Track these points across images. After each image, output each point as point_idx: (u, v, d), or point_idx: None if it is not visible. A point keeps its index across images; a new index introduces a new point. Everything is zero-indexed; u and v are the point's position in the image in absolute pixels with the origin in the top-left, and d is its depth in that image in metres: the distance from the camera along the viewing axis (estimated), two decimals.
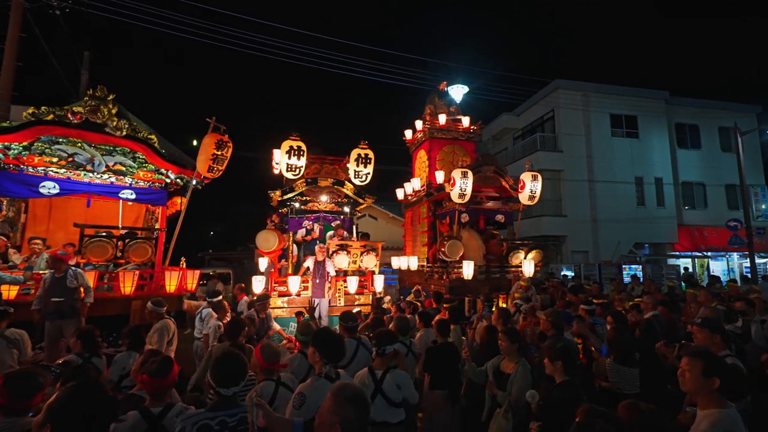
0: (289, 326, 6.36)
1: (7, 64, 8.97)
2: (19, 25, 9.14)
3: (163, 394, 2.05)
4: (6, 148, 5.45)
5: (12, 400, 1.65)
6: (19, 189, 5.75)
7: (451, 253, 7.47)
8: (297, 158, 6.59)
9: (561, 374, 2.57)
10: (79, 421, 1.33)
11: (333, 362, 2.43)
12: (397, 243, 13.28)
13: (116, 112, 5.88)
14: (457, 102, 10.43)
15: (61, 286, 4.78)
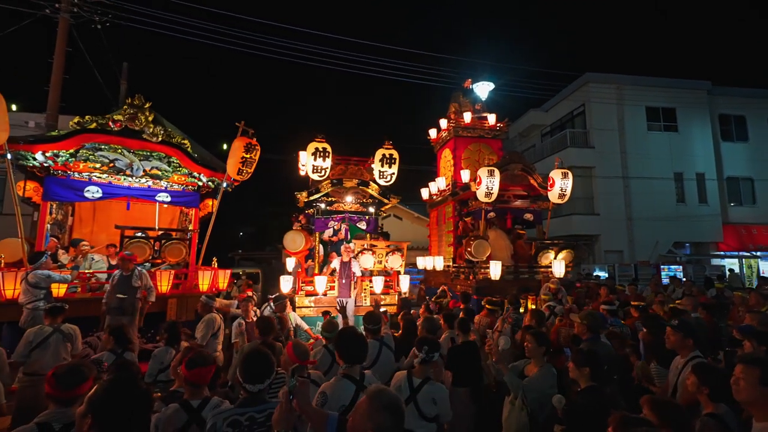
0: (316, 325, 6.45)
1: (56, 77, 9.61)
2: (65, 40, 9.78)
3: (201, 387, 2.14)
4: (55, 155, 5.85)
5: (61, 392, 1.76)
6: (67, 193, 6.14)
7: (478, 253, 7.34)
8: (322, 159, 6.68)
9: (587, 380, 2.49)
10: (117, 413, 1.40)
11: (352, 362, 2.40)
12: (422, 243, 13.22)
13: (152, 119, 6.17)
14: (483, 99, 10.24)
15: (126, 284, 5.11)
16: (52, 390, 1.74)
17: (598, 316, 3.66)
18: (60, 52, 9.66)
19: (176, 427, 1.98)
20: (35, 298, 4.84)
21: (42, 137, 5.86)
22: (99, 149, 6.07)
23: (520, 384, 2.90)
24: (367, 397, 1.38)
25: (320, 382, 2.89)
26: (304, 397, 1.69)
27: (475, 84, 10.10)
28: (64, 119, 9.12)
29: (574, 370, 2.53)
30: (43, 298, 4.85)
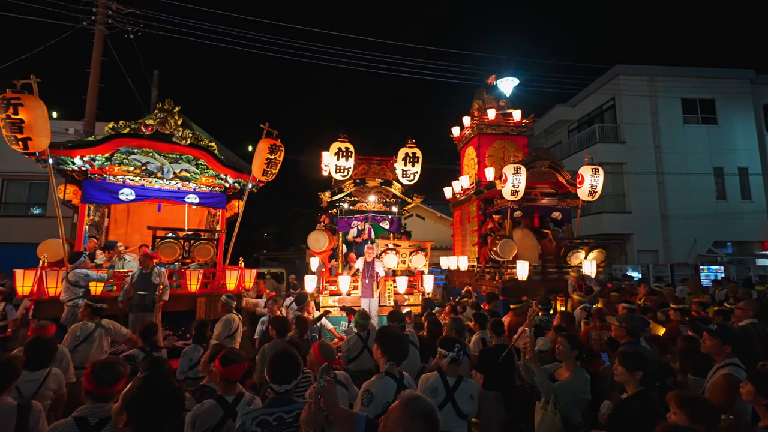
0: (340, 325, 6.47)
1: (92, 86, 10.10)
2: (101, 50, 10.26)
3: (234, 383, 2.18)
4: (92, 159, 6.12)
5: (98, 388, 1.82)
6: (103, 196, 6.42)
7: (504, 252, 7.16)
8: (345, 159, 6.69)
9: (637, 385, 2.35)
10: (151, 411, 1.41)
11: (396, 360, 2.41)
12: (446, 242, 13.06)
13: (181, 122, 6.35)
14: (507, 95, 10.01)
15: (147, 281, 5.30)
16: (89, 386, 1.80)
17: (638, 319, 3.47)
18: (96, 62, 10.15)
19: (213, 422, 2.02)
20: (75, 296, 5.08)
21: (80, 142, 6.15)
22: (132, 153, 6.30)
23: (552, 387, 2.79)
24: (400, 404, 1.33)
25: (346, 383, 2.88)
26: (332, 398, 1.66)
27: (499, 80, 9.89)
28: (100, 126, 9.57)
29: (623, 374, 2.40)
30: (81, 296, 5.08)
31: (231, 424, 2.03)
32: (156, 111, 6.20)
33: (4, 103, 4.87)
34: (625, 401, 2.38)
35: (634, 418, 2.17)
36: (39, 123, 5.07)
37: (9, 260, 8.17)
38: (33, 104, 4.98)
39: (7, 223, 12.50)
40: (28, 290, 5.40)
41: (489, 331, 3.96)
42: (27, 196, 13.16)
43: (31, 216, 13.03)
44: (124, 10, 10.59)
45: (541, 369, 2.89)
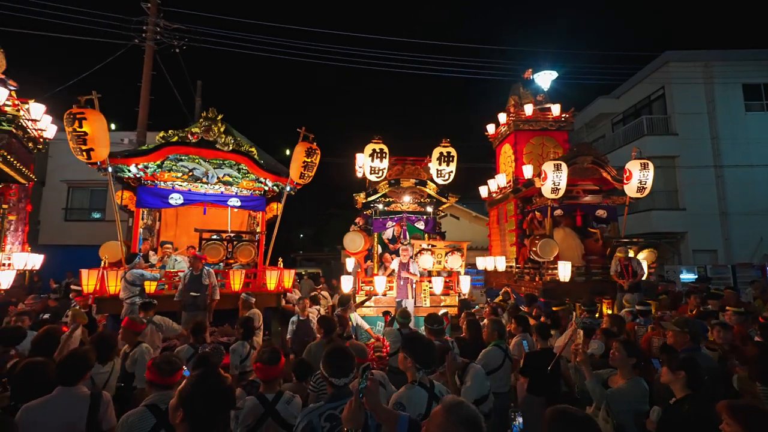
0: (376, 325, 6.51)
1: (144, 98, 10.84)
2: (151, 65, 11.00)
3: (274, 381, 2.26)
4: (145, 167, 6.58)
5: (160, 378, 1.98)
6: (155, 201, 6.87)
7: (544, 252, 6.90)
8: (380, 160, 6.73)
9: (683, 388, 2.21)
10: (204, 407, 1.48)
11: (426, 368, 2.31)
12: (482, 243, 12.78)
13: (224, 129, 6.68)
14: (545, 90, 9.64)
15: (197, 282, 5.60)
16: (153, 377, 1.95)
17: (698, 324, 3.22)
18: (147, 76, 10.89)
19: (254, 419, 2.10)
20: (132, 294, 5.47)
21: (134, 151, 6.63)
22: (180, 160, 6.71)
23: (604, 393, 2.64)
24: (443, 409, 1.31)
25: (383, 381, 2.89)
26: (375, 397, 1.67)
27: (536, 74, 9.54)
28: (151, 135, 10.24)
29: (667, 374, 2.27)
30: (138, 294, 5.47)
31: (270, 422, 2.10)
32: (201, 119, 6.55)
33: (70, 118, 5.35)
34: (674, 405, 2.23)
35: (683, 422, 2.02)
36: (100, 135, 5.52)
37: (74, 261, 8.97)
38: (95, 118, 5.43)
39: (72, 227, 13.69)
40: (92, 288, 5.89)
41: (534, 335, 3.82)
42: (89, 202, 14.33)
43: (91, 220, 14.18)
44: (171, 26, 11.28)
45: (592, 374, 2.74)
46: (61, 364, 2.11)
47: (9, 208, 6.40)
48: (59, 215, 13.83)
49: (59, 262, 9.34)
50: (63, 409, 2.00)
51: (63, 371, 2.09)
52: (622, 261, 6.39)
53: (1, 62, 6.65)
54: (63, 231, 13.47)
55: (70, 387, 2.08)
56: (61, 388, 2.07)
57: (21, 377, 2.35)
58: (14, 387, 2.48)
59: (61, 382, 2.08)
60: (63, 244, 12.37)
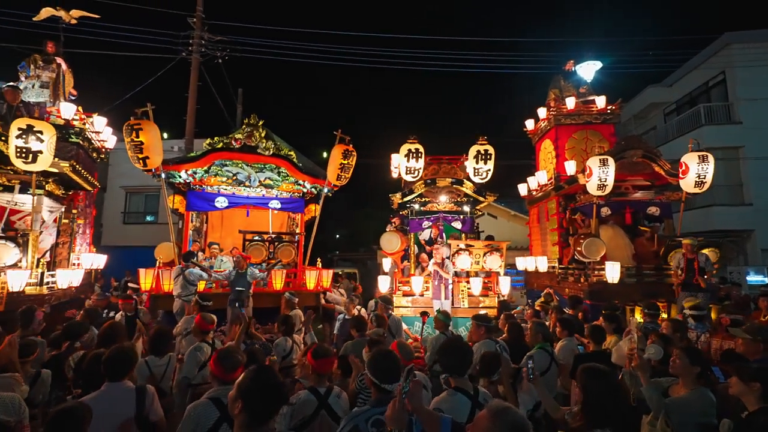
0: (414, 325, 6.48)
1: (191, 108, 11.52)
2: (197, 76, 11.66)
3: (324, 376, 2.32)
4: (194, 172, 6.99)
5: (223, 373, 2.09)
6: (203, 204, 7.28)
7: (590, 252, 6.56)
8: (415, 160, 6.71)
9: (758, 400, 2.03)
10: (261, 400, 1.56)
11: (454, 374, 2.24)
12: (521, 242, 12.39)
13: (264, 134, 6.96)
14: (588, 81, 9.17)
15: (242, 280, 5.87)
16: (216, 371, 2.08)
17: None
18: (193, 87, 11.56)
19: (308, 412, 2.17)
20: (189, 293, 5.82)
21: (184, 158, 7.06)
22: (225, 165, 7.07)
23: (663, 403, 2.45)
24: (490, 414, 1.28)
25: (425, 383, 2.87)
26: (418, 399, 1.66)
27: (579, 65, 9.09)
28: (197, 142, 10.87)
29: (737, 384, 2.09)
30: (194, 293, 5.82)
31: (324, 415, 2.16)
32: (243, 125, 6.87)
33: (129, 129, 5.80)
34: (748, 418, 2.04)
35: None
36: (154, 143, 5.94)
37: (132, 261, 9.71)
38: (150, 128, 5.85)
39: (129, 229, 14.82)
40: (148, 286, 6.35)
41: (587, 338, 3.64)
42: (144, 206, 15.45)
43: (146, 223, 15.27)
44: (214, 38, 11.91)
45: (650, 381, 2.56)
46: (108, 360, 2.24)
47: (78, 213, 7.03)
48: (118, 218, 15.01)
49: (118, 262, 10.13)
50: (112, 402, 2.13)
51: (110, 367, 2.22)
52: (687, 255, 5.74)
53: (69, 80, 7.34)
54: (122, 233, 14.62)
55: (117, 382, 2.21)
56: (108, 383, 2.21)
57: (89, 368, 2.58)
58: (83, 377, 2.73)
59: (109, 378, 2.21)
60: (122, 245, 13.40)
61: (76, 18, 7.69)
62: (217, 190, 7.36)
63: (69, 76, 7.27)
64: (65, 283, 5.95)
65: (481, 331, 3.65)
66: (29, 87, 6.80)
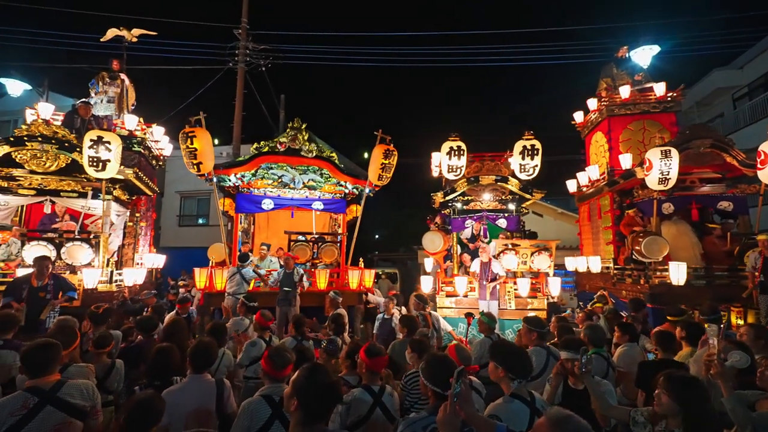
0: (458, 327, 6.35)
1: (237, 115, 12.10)
2: (243, 85, 12.23)
3: (377, 374, 2.31)
4: (242, 176, 7.32)
5: (274, 371, 2.15)
6: (250, 206, 7.60)
7: (650, 252, 6.06)
8: (457, 158, 6.58)
9: None
10: (316, 398, 1.56)
11: (521, 377, 2.14)
12: (569, 241, 11.77)
13: (307, 137, 7.15)
14: (644, 67, 8.51)
15: (290, 279, 6.06)
16: (267, 368, 2.12)
17: None
18: (239, 95, 12.14)
19: (363, 410, 2.17)
20: (243, 291, 6.09)
21: (233, 163, 7.41)
22: (270, 168, 7.33)
23: (750, 417, 2.17)
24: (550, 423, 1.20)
25: (481, 390, 2.76)
26: (470, 404, 1.60)
27: (634, 51, 8.46)
28: (244, 148, 11.39)
29: None
30: (245, 292, 6.08)
31: (378, 413, 2.14)
32: (288, 129, 7.09)
33: (184, 137, 6.17)
34: None
35: None
36: (207, 150, 6.28)
37: (185, 261, 10.36)
38: (203, 135, 6.19)
39: (184, 231, 15.84)
40: (202, 285, 6.72)
41: (653, 344, 3.36)
42: (196, 209, 16.45)
43: (198, 225, 16.23)
44: (258, 47, 12.43)
45: (734, 392, 2.29)
46: (193, 353, 2.38)
47: (140, 216, 7.60)
48: (174, 221, 16.09)
49: (174, 262, 10.85)
50: (196, 394, 2.27)
51: (194, 360, 2.36)
52: (765, 253, 5.12)
53: (132, 94, 7.96)
54: (177, 235, 15.64)
55: (199, 374, 2.35)
56: (192, 375, 2.35)
57: (156, 360, 2.75)
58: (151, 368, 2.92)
59: (194, 370, 2.35)
60: (177, 246, 14.33)
61: (137, 36, 8.34)
62: (264, 192, 7.64)
63: (131, 90, 7.89)
64: (131, 281, 6.44)
65: (532, 336, 3.44)
66: (98, 102, 7.46)
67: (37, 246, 5.43)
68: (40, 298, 4.45)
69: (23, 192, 5.67)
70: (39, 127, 5.59)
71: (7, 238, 5.64)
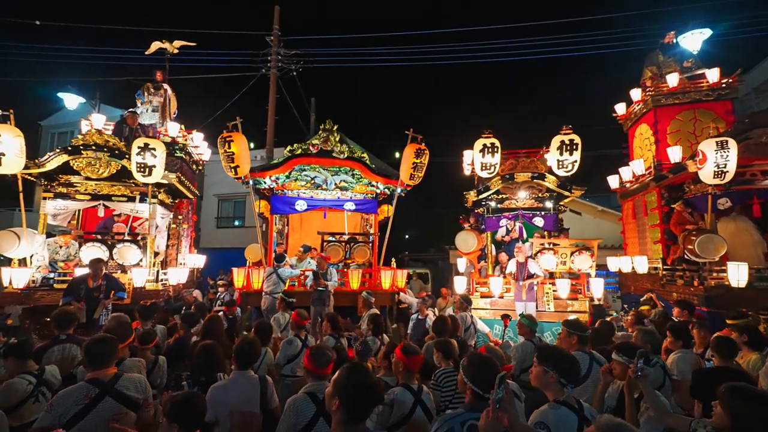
0: (494, 328, 6.19)
1: (270, 120, 12.45)
2: (275, 90, 12.57)
3: (413, 373, 2.30)
4: (276, 178, 7.51)
5: (316, 369, 2.17)
6: (285, 208, 7.78)
7: (705, 251, 5.63)
8: (491, 155, 6.41)
9: None
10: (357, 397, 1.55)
11: (573, 382, 2.07)
12: (611, 240, 11.21)
13: (339, 139, 7.23)
14: (694, 53, 7.94)
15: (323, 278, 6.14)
16: (310, 367, 2.15)
17: None
18: (272, 100, 12.49)
19: (405, 410, 2.17)
20: (280, 290, 6.24)
21: (268, 166, 7.62)
22: (303, 170, 7.48)
23: None
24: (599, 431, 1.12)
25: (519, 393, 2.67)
26: (513, 411, 1.56)
27: (682, 36, 7.92)
28: (277, 151, 11.70)
29: None
30: (281, 291, 6.24)
31: (419, 412, 2.12)
32: (320, 131, 7.20)
33: (222, 141, 6.41)
34: None
35: None
36: (243, 154, 6.50)
37: (223, 261, 10.78)
38: (239, 139, 6.41)
39: (221, 233, 16.50)
40: (240, 284, 6.96)
41: (711, 350, 3.12)
42: (232, 212, 17.09)
43: (234, 227, 16.86)
44: (289, 53, 12.74)
45: None
46: (238, 351, 2.46)
47: (182, 219, 7.98)
48: (212, 223, 16.80)
49: (213, 262, 11.32)
50: (241, 389, 2.34)
51: (240, 357, 2.44)
52: None
53: (174, 102, 8.38)
54: (215, 236, 16.33)
55: (244, 371, 2.42)
56: (237, 371, 2.43)
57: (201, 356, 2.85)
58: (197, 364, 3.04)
59: (239, 366, 2.43)
60: (215, 247, 14.95)
61: (178, 48, 8.77)
62: (297, 193, 7.80)
63: (173, 99, 8.31)
64: (175, 280, 6.77)
65: (572, 339, 3.27)
66: (144, 111, 7.91)
67: (92, 247, 5.83)
68: (94, 297, 4.77)
69: (80, 197, 6.11)
70: (93, 136, 6.00)
71: (67, 241, 6.10)
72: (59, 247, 6.04)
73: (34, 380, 2.55)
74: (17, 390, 2.46)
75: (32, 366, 2.67)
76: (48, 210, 5.98)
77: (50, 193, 5.99)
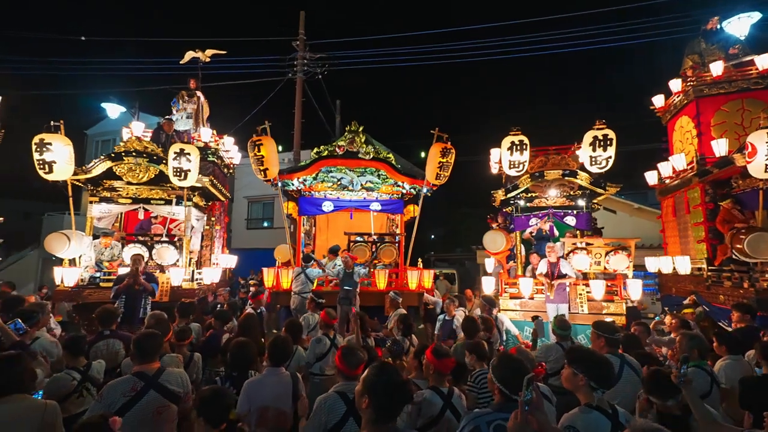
0: (524, 330, 6.03)
1: (297, 123, 12.70)
2: (301, 94, 12.82)
3: (444, 376, 2.28)
4: (304, 180, 7.66)
5: (347, 369, 2.20)
6: (312, 209, 7.92)
7: (756, 250, 5.25)
8: (519, 153, 6.26)
9: None
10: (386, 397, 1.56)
11: (604, 386, 2.00)
12: (649, 239, 10.69)
13: (364, 140, 7.28)
14: (741, 39, 7.42)
15: (349, 278, 6.22)
16: (341, 366, 2.18)
17: None
18: (299, 104, 12.74)
19: (434, 412, 2.16)
20: (309, 290, 6.37)
21: (295, 167, 7.79)
22: (330, 171, 7.59)
23: None
24: None
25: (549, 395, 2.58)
26: (543, 414, 1.52)
27: (727, 21, 7.42)
28: (304, 153, 11.93)
29: None
30: (310, 290, 6.35)
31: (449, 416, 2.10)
32: (345, 133, 7.28)
33: (252, 145, 6.62)
34: None
35: None
36: (272, 157, 6.67)
37: (254, 261, 11.10)
38: (268, 143, 6.59)
39: (251, 234, 17.01)
40: (270, 284, 7.14)
41: (758, 355, 2.91)
42: (261, 213, 17.58)
43: (263, 228, 17.33)
44: (314, 56, 12.96)
45: None
46: (272, 348, 2.54)
47: (215, 220, 8.29)
48: (243, 225, 17.35)
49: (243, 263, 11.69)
50: (275, 385, 2.41)
51: (273, 354, 2.52)
52: None
53: (206, 109, 8.72)
54: (245, 237, 16.86)
55: (276, 368, 2.49)
56: (270, 368, 2.50)
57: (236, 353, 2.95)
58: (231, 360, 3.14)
59: (272, 363, 2.50)
60: (246, 248, 15.43)
61: (209, 57, 9.13)
62: (324, 195, 7.92)
63: (206, 105, 8.65)
64: (209, 279, 7.05)
65: (600, 342, 3.13)
66: (179, 118, 8.28)
67: (134, 248, 6.17)
68: (135, 291, 5.04)
69: (122, 201, 6.48)
70: (133, 143, 6.35)
71: (110, 242, 6.49)
72: (104, 248, 6.43)
73: (78, 376, 2.70)
74: (64, 385, 2.63)
75: (81, 362, 2.84)
76: (94, 213, 6.38)
77: (96, 198, 6.39)
